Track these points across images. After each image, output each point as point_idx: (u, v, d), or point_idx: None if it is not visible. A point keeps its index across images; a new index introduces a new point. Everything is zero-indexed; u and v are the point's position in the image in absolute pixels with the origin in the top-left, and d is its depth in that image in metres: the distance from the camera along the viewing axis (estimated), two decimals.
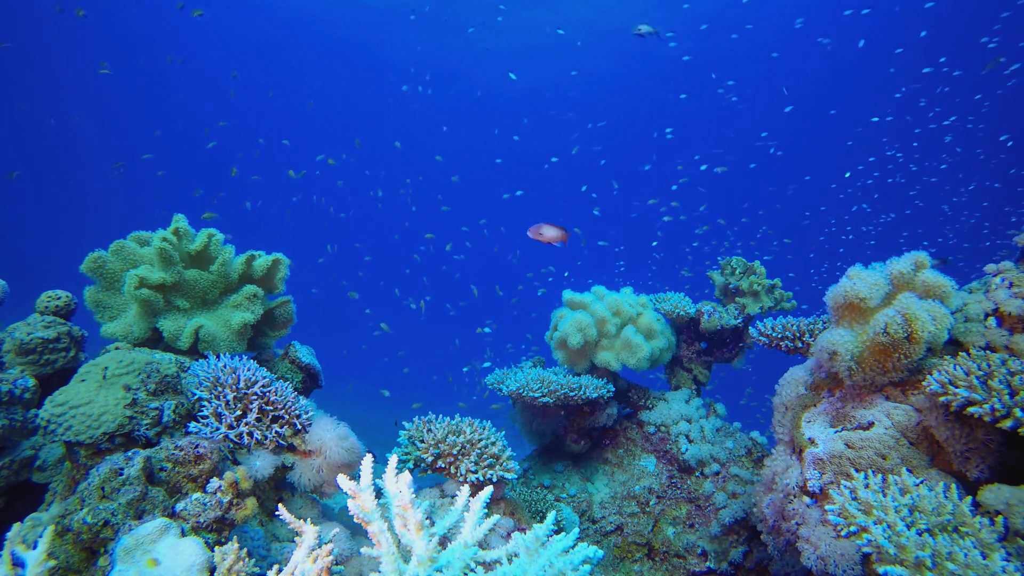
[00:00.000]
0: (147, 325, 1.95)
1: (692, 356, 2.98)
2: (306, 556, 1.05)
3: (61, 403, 1.47)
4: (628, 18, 13.16)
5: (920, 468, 1.42)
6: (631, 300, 2.79)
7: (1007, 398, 1.21)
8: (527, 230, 2.77)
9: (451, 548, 1.08)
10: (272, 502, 1.65)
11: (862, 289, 1.54)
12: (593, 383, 2.48)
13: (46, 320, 1.91)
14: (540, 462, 2.81)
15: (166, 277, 1.94)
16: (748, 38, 14.40)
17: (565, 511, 2.45)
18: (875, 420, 1.50)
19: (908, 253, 1.58)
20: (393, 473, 1.08)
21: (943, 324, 1.45)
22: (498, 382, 2.56)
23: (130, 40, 16.07)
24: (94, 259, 1.98)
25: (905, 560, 1.08)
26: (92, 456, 1.46)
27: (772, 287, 2.96)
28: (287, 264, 2.25)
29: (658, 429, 2.75)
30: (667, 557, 2.40)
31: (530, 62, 16.45)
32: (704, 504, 2.51)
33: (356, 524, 1.10)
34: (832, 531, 1.35)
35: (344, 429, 1.71)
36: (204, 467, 1.38)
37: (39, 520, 1.45)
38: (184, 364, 1.77)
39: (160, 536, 1.11)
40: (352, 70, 18.17)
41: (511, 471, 1.76)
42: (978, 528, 1.13)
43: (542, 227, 2.74)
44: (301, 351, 2.22)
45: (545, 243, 2.78)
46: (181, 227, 2.05)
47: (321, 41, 16.64)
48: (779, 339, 2.13)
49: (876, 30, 13.09)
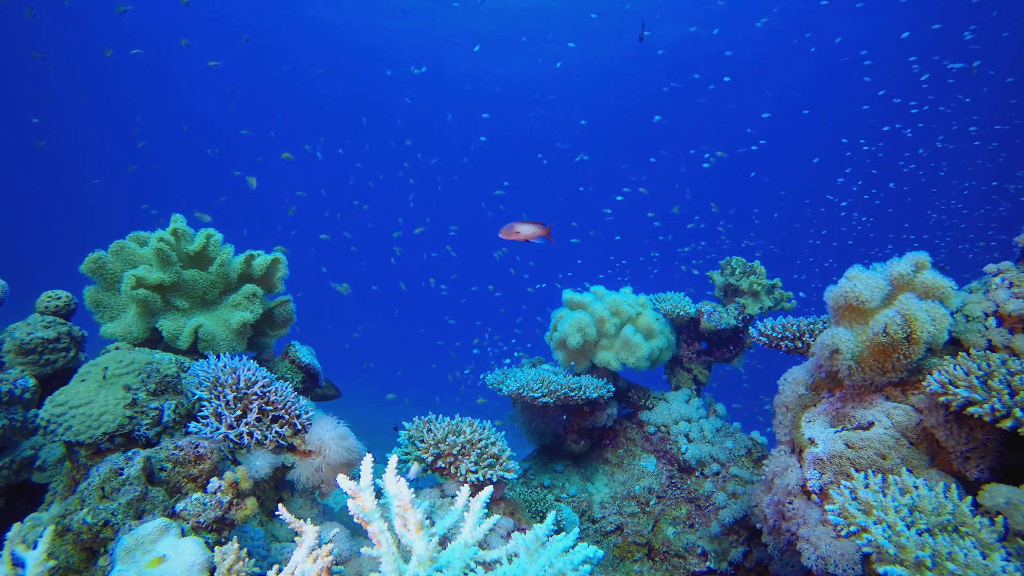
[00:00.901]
0: (146, 325, 1.95)
1: (692, 356, 2.98)
2: (306, 556, 1.04)
3: (61, 403, 1.47)
4: (635, 13, 13.16)
5: (920, 468, 1.42)
6: (630, 300, 2.79)
7: (1007, 398, 1.21)
8: (499, 232, 2.55)
9: (451, 548, 1.08)
10: (272, 502, 1.65)
11: (863, 291, 1.54)
12: (593, 383, 2.49)
13: (46, 320, 1.91)
14: (540, 462, 2.81)
15: (164, 277, 1.94)
16: (769, 27, 14.11)
17: (565, 511, 2.45)
18: (875, 420, 1.50)
19: (908, 254, 1.58)
20: (393, 473, 1.08)
21: (942, 325, 1.45)
22: (498, 382, 2.56)
23: (130, 39, 16.06)
24: (94, 259, 1.98)
25: (905, 560, 1.08)
26: (92, 456, 1.46)
27: (772, 287, 2.96)
28: (286, 263, 2.25)
29: (658, 429, 2.75)
30: (667, 557, 2.40)
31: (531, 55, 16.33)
32: (704, 504, 2.51)
33: (356, 524, 1.10)
34: (832, 531, 1.35)
35: (344, 429, 1.71)
36: (204, 467, 1.38)
37: (39, 520, 1.45)
38: (184, 364, 1.77)
39: (160, 536, 1.11)
40: (349, 63, 17.97)
41: (511, 471, 1.76)
42: (978, 528, 1.13)
43: (515, 225, 2.52)
44: (301, 351, 2.22)
45: (524, 242, 2.54)
46: (180, 228, 2.05)
47: (315, 35, 16.47)
48: (779, 339, 2.13)
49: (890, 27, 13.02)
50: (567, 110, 18.96)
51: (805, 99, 16.17)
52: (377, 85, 18.23)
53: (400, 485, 1.05)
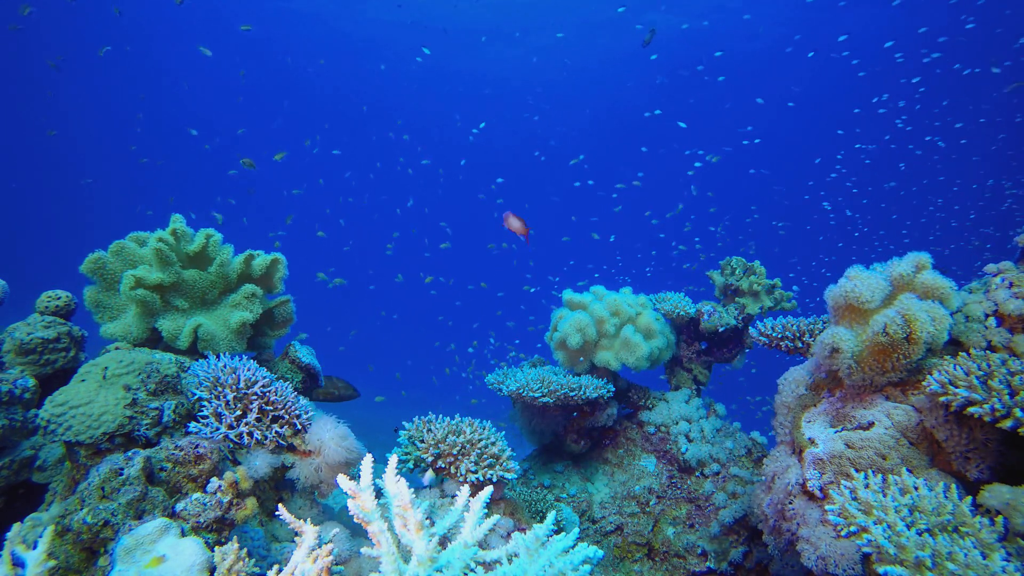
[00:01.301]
0: (146, 325, 1.95)
1: (692, 356, 2.98)
2: (306, 556, 1.04)
3: (61, 403, 1.47)
4: (638, 9, 13.14)
5: (920, 468, 1.42)
6: (630, 300, 2.79)
7: (1007, 398, 1.21)
8: (503, 215, 2.85)
9: (451, 548, 1.08)
10: (272, 502, 1.65)
11: (863, 291, 1.54)
12: (593, 383, 2.48)
13: (46, 320, 1.91)
14: (540, 462, 2.81)
15: (163, 277, 1.94)
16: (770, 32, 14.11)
17: (565, 511, 2.45)
18: (875, 420, 1.50)
19: (910, 254, 1.58)
20: (393, 473, 1.08)
21: (942, 325, 1.45)
22: (498, 382, 2.56)
23: (131, 36, 16.04)
24: (94, 260, 1.98)
25: (905, 560, 1.08)
26: (92, 456, 1.46)
27: (772, 287, 2.96)
28: (286, 263, 2.25)
29: (658, 429, 2.75)
30: (667, 557, 2.40)
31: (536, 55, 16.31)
32: (704, 504, 2.51)
33: (356, 524, 1.10)
34: (832, 531, 1.35)
35: (344, 429, 1.71)
36: (204, 467, 1.38)
37: (39, 520, 1.45)
38: (184, 364, 1.77)
39: (160, 536, 1.11)
40: (349, 62, 17.94)
41: (511, 471, 1.76)
42: (978, 528, 1.13)
43: (510, 216, 2.79)
44: (301, 351, 2.22)
45: (513, 232, 2.83)
46: (179, 228, 2.05)
47: (313, 34, 16.45)
48: (779, 339, 2.13)
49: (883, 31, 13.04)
50: (562, 105, 18.96)
51: (800, 96, 16.17)
52: (370, 80, 18.25)
53: (400, 485, 1.05)
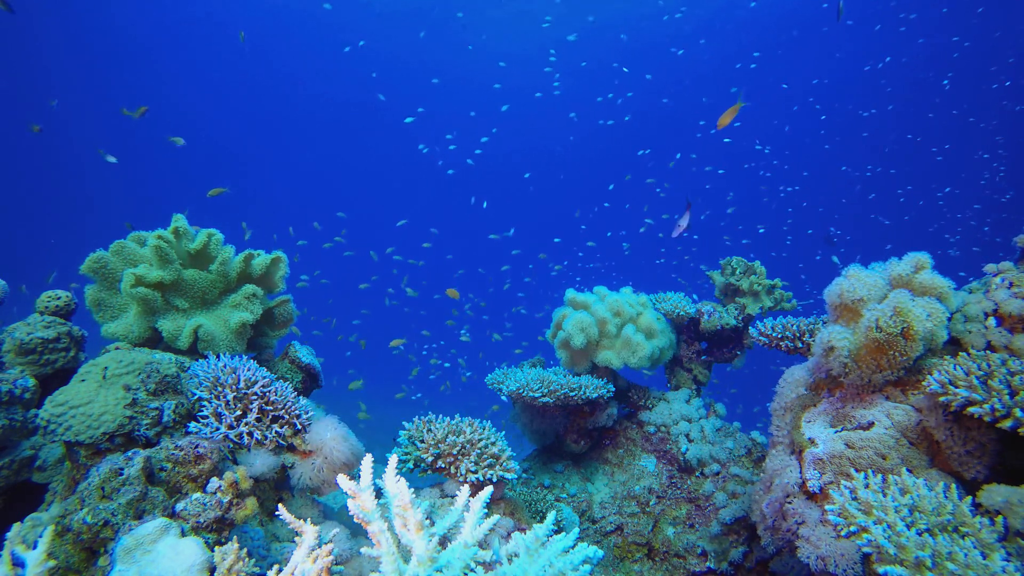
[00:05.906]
0: (146, 325, 1.95)
1: (692, 356, 2.98)
2: (306, 556, 1.04)
3: (61, 403, 1.47)
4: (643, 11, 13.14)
5: (920, 468, 1.42)
6: (631, 300, 2.79)
7: (1007, 398, 1.21)
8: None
9: (451, 548, 1.08)
10: (272, 502, 1.65)
11: (859, 288, 1.54)
12: (593, 383, 2.48)
13: (46, 320, 1.91)
14: (540, 462, 2.81)
15: (164, 275, 1.93)
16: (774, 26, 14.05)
17: (565, 511, 2.45)
18: (875, 420, 1.50)
19: (909, 254, 1.58)
20: (393, 473, 1.08)
21: (939, 320, 1.45)
22: (498, 382, 2.56)
23: (131, 36, 16.05)
24: (95, 259, 1.98)
25: (905, 560, 1.08)
26: (92, 456, 1.46)
27: (772, 287, 2.95)
28: (286, 263, 2.25)
29: (658, 429, 2.75)
30: (667, 557, 2.40)
31: None
32: (704, 504, 2.51)
33: (356, 524, 1.10)
34: (832, 531, 1.35)
35: (344, 429, 1.71)
36: (204, 467, 1.38)
37: (39, 520, 1.45)
38: (184, 364, 1.77)
39: (160, 536, 1.11)
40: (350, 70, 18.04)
41: (511, 471, 1.76)
42: (978, 528, 1.13)
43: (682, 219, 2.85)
44: (301, 351, 2.22)
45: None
46: (180, 226, 2.05)
47: (314, 43, 16.50)
48: (779, 339, 2.13)
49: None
50: (564, 107, 18.98)
51: (811, 94, 16.18)
52: (369, 87, 18.33)
53: (400, 485, 1.05)
